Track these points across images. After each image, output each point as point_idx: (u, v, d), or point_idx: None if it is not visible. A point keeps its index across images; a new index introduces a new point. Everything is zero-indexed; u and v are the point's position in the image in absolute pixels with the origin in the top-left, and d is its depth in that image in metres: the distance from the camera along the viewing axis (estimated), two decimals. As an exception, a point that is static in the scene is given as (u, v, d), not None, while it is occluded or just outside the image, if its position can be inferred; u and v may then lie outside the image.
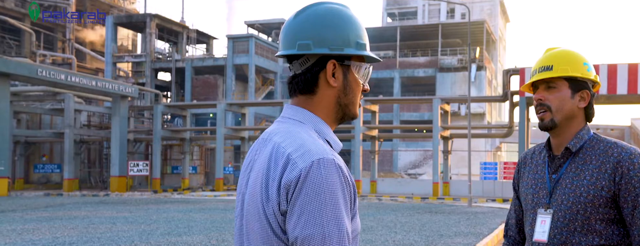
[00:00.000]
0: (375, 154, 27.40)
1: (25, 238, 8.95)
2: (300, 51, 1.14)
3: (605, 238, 1.47)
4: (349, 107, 1.19)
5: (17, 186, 30.09)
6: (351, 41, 1.16)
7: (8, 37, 40.30)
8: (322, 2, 1.19)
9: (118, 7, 46.57)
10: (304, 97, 1.17)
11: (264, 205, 1.06)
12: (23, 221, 11.80)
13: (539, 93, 1.59)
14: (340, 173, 1.04)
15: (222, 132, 28.11)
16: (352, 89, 1.18)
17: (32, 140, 32.45)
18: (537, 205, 1.58)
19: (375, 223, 12.00)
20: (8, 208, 16.10)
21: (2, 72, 23.58)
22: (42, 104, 32.68)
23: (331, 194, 1.02)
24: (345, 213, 1.03)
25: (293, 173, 1.03)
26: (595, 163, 1.51)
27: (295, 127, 1.13)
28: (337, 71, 1.16)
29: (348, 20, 1.17)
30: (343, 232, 1.01)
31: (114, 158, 27.71)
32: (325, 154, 1.05)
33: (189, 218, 12.54)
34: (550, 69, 1.57)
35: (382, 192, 26.50)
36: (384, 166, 36.92)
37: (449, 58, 38.06)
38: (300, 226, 1.01)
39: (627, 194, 1.45)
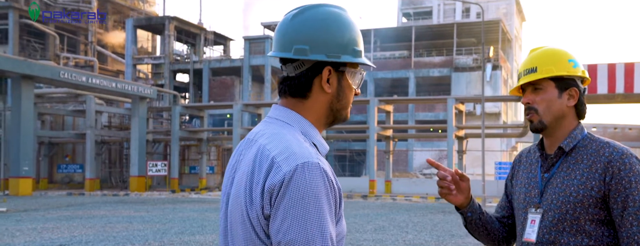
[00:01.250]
0: (389, 154, 27.32)
1: (44, 236, 9.16)
2: (296, 55, 1.12)
3: (595, 239, 1.44)
4: (340, 112, 1.18)
5: (42, 186, 30.72)
6: (348, 48, 1.14)
7: (33, 41, 41.17)
8: (320, 4, 1.17)
9: (138, 9, 47.21)
10: (294, 100, 1.15)
11: (248, 209, 1.05)
12: (44, 220, 12.07)
13: (526, 96, 1.56)
14: (324, 177, 1.03)
15: (238, 132, 28.30)
16: (345, 94, 1.17)
17: (56, 141, 33.10)
18: (529, 205, 1.55)
19: (387, 223, 11.99)
20: (31, 207, 16.48)
21: (27, 75, 24.11)
22: (65, 106, 33.30)
23: (315, 198, 1.00)
24: (330, 217, 1.02)
25: (277, 176, 1.01)
26: (586, 163, 1.47)
27: (282, 129, 1.11)
28: (332, 77, 1.14)
29: (346, 25, 1.15)
30: (326, 237, 0.99)
31: (133, 158, 28.12)
32: (310, 158, 1.03)
33: (204, 218, 12.68)
34: (535, 71, 1.54)
35: (396, 192, 26.40)
36: (399, 166, 36.76)
37: (464, 58, 37.72)
38: (283, 230, 0.99)
39: (617, 195, 1.41)
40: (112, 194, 25.02)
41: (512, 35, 43.91)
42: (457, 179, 1.57)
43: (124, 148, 32.78)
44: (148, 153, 30.14)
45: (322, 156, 1.13)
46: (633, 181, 1.41)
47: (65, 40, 42.80)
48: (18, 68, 23.67)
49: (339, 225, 1.08)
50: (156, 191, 27.98)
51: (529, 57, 1.59)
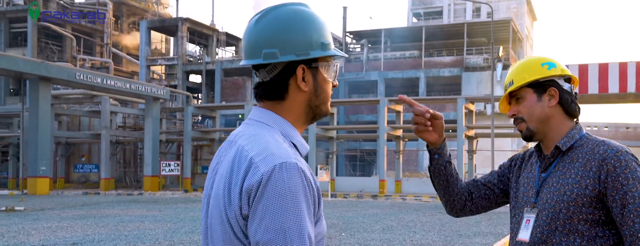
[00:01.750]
0: (399, 154, 27.25)
1: (58, 235, 9.31)
2: (267, 60, 1.11)
3: (587, 239, 1.41)
4: (320, 108, 1.17)
5: (59, 185, 31.16)
6: (316, 43, 1.13)
7: (51, 43, 41.80)
8: (281, 4, 1.16)
9: (152, 11, 47.66)
10: (272, 102, 1.14)
11: (226, 209, 1.04)
12: (59, 219, 12.27)
13: (511, 109, 1.59)
14: (302, 177, 1.02)
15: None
16: (323, 89, 1.16)
17: (72, 141, 33.53)
18: (526, 204, 1.54)
19: (395, 222, 11.98)
20: (47, 206, 16.74)
21: (44, 77, 24.47)
22: (81, 107, 33.73)
23: (293, 198, 0.99)
24: (308, 217, 1.01)
25: (255, 177, 1.01)
26: (581, 162, 1.46)
27: (261, 130, 1.11)
28: (307, 74, 1.13)
29: (310, 21, 1.14)
30: (304, 237, 0.99)
31: (147, 158, 28.39)
32: (288, 158, 1.02)
33: (214, 217, 12.76)
34: (512, 84, 1.57)
35: (406, 192, 26.34)
36: (409, 165, 36.65)
37: (475, 57, 37.47)
38: (261, 230, 0.99)
39: (615, 192, 1.39)
40: (126, 193, 25.30)
41: (523, 35, 43.52)
42: (430, 118, 1.56)
43: (138, 148, 33.11)
44: (161, 153, 30.40)
45: (302, 156, 1.13)
46: (630, 178, 1.39)
47: (82, 42, 43.36)
48: (36, 70, 24.05)
49: (318, 225, 1.07)
50: (169, 190, 28.21)
51: (510, 71, 1.62)
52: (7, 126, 36.90)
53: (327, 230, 10.33)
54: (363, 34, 43.13)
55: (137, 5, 47.34)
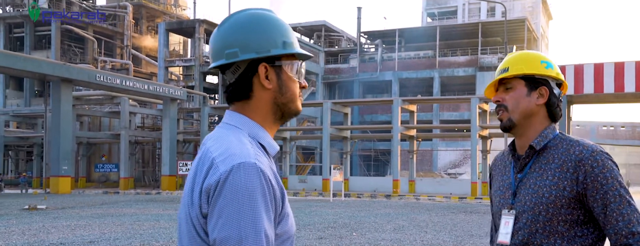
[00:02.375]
0: (413, 153, 27.12)
1: (76, 233, 9.49)
2: (229, 59, 1.14)
3: (568, 240, 1.41)
4: (288, 105, 1.18)
5: (80, 185, 31.70)
6: (277, 42, 1.15)
7: (74, 45, 42.59)
8: (244, 9, 1.19)
9: (170, 14, 48.16)
10: (240, 103, 1.17)
11: (189, 208, 1.07)
12: (78, 218, 12.49)
13: (497, 95, 1.56)
14: (261, 177, 1.03)
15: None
16: (288, 87, 1.17)
17: (93, 141, 34.08)
18: (503, 206, 1.52)
19: (407, 222, 11.94)
20: (68, 205, 17.06)
21: (66, 78, 24.91)
22: (102, 108, 34.25)
23: (249, 197, 1.01)
24: (265, 216, 1.02)
25: (214, 176, 1.03)
26: (557, 162, 1.44)
27: (229, 132, 1.12)
28: (270, 72, 1.15)
29: (270, 22, 1.16)
30: (260, 235, 1.00)
31: (164, 158, 28.70)
32: (247, 158, 1.03)
33: (228, 216, 12.86)
34: (507, 71, 1.53)
35: (420, 192, 26.21)
36: (423, 165, 36.43)
37: (490, 57, 37.10)
38: (218, 228, 1.00)
39: (595, 192, 1.38)
40: (144, 193, 25.60)
41: (538, 34, 42.94)
42: None
43: (156, 148, 33.48)
44: (178, 153, 30.70)
45: (272, 156, 1.14)
46: (608, 177, 1.38)
47: (103, 44, 44.05)
48: (58, 72, 24.50)
49: (283, 224, 1.09)
50: (186, 189, 28.47)
51: (508, 58, 1.59)
52: (32, 126, 37.69)
53: (338, 229, 10.34)
54: (377, 34, 43.00)
55: (156, 8, 47.92)
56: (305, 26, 45.28)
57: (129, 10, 44.42)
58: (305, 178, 30.22)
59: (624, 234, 1.35)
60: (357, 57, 42.06)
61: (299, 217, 12.80)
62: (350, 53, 43.52)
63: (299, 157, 37.74)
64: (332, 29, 46.31)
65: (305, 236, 9.12)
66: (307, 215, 13.69)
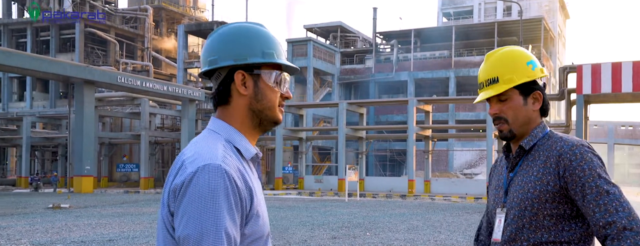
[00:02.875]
0: (429, 154, 26.95)
1: (97, 231, 9.68)
2: (209, 66, 1.19)
3: (554, 234, 1.41)
4: (265, 113, 1.21)
5: (102, 184, 32.23)
6: (256, 51, 1.19)
7: (97, 48, 43.37)
8: (234, 22, 1.24)
9: (189, 16, 48.68)
10: (221, 109, 1.21)
11: (162, 208, 1.12)
12: (99, 216, 12.72)
13: (493, 107, 1.54)
14: (225, 178, 1.06)
15: (281, 133, 28.64)
16: (265, 95, 1.20)
17: (115, 142, 34.60)
18: (497, 205, 1.55)
19: (421, 222, 11.88)
20: (90, 203, 17.38)
21: (88, 80, 25.37)
22: (123, 109, 34.76)
23: (212, 197, 1.04)
24: (228, 215, 1.05)
25: (181, 177, 1.07)
26: (542, 158, 1.46)
27: (207, 136, 1.17)
28: (248, 80, 1.19)
29: (253, 34, 1.20)
30: (220, 233, 1.03)
31: (184, 158, 28.97)
32: (213, 160, 1.07)
33: (244, 216, 12.94)
34: (496, 82, 1.50)
35: (436, 192, 26.03)
36: (439, 165, 36.18)
37: (505, 57, 36.64)
38: (182, 226, 1.04)
39: (575, 186, 1.38)
40: (164, 191, 25.88)
41: (555, 33, 42.29)
42: None
43: (175, 148, 33.82)
44: (197, 153, 30.94)
45: (248, 159, 1.18)
46: (586, 169, 1.38)
47: (124, 46, 44.75)
48: (81, 74, 24.96)
49: (253, 224, 1.11)
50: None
51: (487, 64, 1.55)
52: (56, 127, 38.46)
53: (352, 229, 10.34)
54: (393, 35, 42.83)
55: (176, 10, 48.49)
56: (321, 27, 45.33)
57: (149, 13, 45.02)
58: (321, 178, 30.25)
59: (602, 225, 1.33)
60: (372, 57, 41.96)
61: (313, 217, 12.84)
62: (366, 53, 43.43)
63: (315, 157, 37.79)
64: (348, 30, 46.27)
65: (319, 236, 9.15)
66: (321, 214, 13.71)
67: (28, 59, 23.48)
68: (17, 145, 36.44)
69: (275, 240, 8.66)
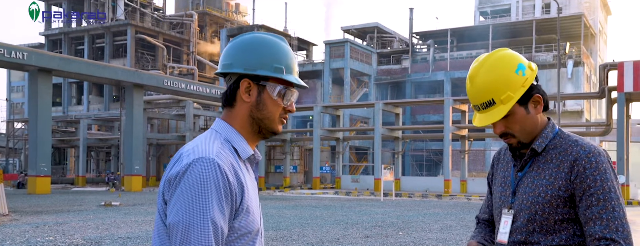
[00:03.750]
0: (465, 153, 26.46)
1: (142, 228, 10.07)
2: (222, 70, 1.24)
3: (565, 238, 1.37)
4: (263, 122, 1.23)
5: (151, 183, 33.32)
6: (267, 64, 1.21)
7: (146, 53, 44.97)
8: (254, 32, 1.29)
9: (232, 20, 49.65)
10: (226, 110, 1.26)
11: (159, 198, 1.16)
12: (146, 214, 13.21)
13: (497, 128, 1.44)
14: (218, 171, 1.09)
15: (318, 133, 28.78)
16: (265, 106, 1.23)
17: (162, 142, 35.70)
18: (503, 204, 1.48)
19: (455, 222, 11.73)
20: (139, 202, 18.05)
21: (137, 84, 26.33)
22: (170, 111, 35.81)
23: (203, 188, 1.07)
24: (216, 206, 1.07)
25: (176, 168, 1.11)
26: (555, 162, 1.39)
27: (209, 135, 1.21)
28: (253, 88, 1.22)
29: (269, 47, 1.23)
30: (207, 222, 1.05)
31: (224, 158, 29.52)
32: (207, 154, 1.11)
33: (280, 214, 13.11)
34: (493, 104, 1.39)
35: (472, 192, 25.52)
36: (476, 165, 35.42)
37: (544, 55, 35.47)
38: (172, 214, 1.08)
39: (582, 193, 1.34)
40: (208, 190, 26.44)
41: (596, 30, 40.55)
42: None
43: (218, 148, 34.49)
44: (239, 153, 31.44)
45: (243, 159, 1.21)
46: (598, 180, 1.33)
47: (171, 51, 46.15)
48: (131, 78, 25.95)
49: (243, 219, 1.14)
50: (246, 188, 29.08)
51: (475, 86, 1.41)
52: (110, 129, 40.09)
53: (385, 228, 10.33)
54: (429, 35, 42.25)
55: (219, 15, 49.57)
56: (358, 28, 45.24)
57: (194, 18, 46.21)
58: (357, 177, 30.21)
59: (597, 237, 1.31)
60: (409, 57, 41.53)
61: (348, 216, 12.89)
62: (402, 54, 43.03)
63: (352, 157, 37.76)
64: (385, 31, 45.97)
65: (352, 235, 9.18)
66: (356, 213, 13.73)
67: (84, 64, 24.63)
68: (75, 146, 38.19)
69: (308, 238, 8.74)
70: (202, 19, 48.84)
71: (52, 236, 8.72)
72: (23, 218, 11.93)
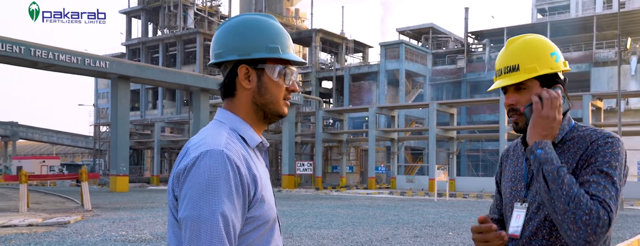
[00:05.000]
0: (522, 152, 25.35)
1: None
2: (215, 59, 1.16)
3: None
4: (268, 106, 1.17)
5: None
6: (261, 46, 1.14)
7: (213, 59, 46.81)
8: (241, 14, 1.20)
9: (291, 25, 50.51)
10: (227, 100, 1.19)
11: (169, 194, 1.11)
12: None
13: (509, 97, 1.38)
14: (226, 163, 1.03)
15: (373, 134, 28.64)
16: (268, 89, 1.16)
17: (228, 144, 36.90)
18: (515, 198, 1.39)
19: (507, 223, 11.35)
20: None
21: (204, 88, 27.47)
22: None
23: (212, 181, 1.01)
24: (226, 199, 1.02)
25: (185, 162, 1.06)
26: (572, 151, 1.31)
27: (214, 126, 1.15)
28: (252, 73, 1.15)
29: (258, 27, 1.16)
30: (216, 215, 1.00)
31: (284, 159, 30.07)
32: (216, 146, 1.05)
33: (334, 213, 13.19)
34: (517, 70, 1.34)
35: (530, 190, 24.38)
36: (535, 164, 33.75)
37: (605, 51, 33.20)
38: (182, 208, 1.03)
39: (587, 165, 1.26)
40: (268, 189, 27.05)
41: (664, 24, 37.44)
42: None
43: (278, 150, 35.16)
44: (297, 154, 31.83)
45: (252, 147, 1.15)
46: (608, 155, 1.25)
47: (236, 56, 47.66)
48: (198, 83, 27.15)
49: (258, 208, 1.09)
50: (303, 188, 29.18)
51: (508, 50, 1.38)
52: (181, 131, 42.11)
53: (436, 228, 10.16)
54: (485, 34, 40.85)
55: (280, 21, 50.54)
56: (413, 29, 44.58)
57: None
58: (412, 177, 29.77)
59: (590, 194, 1.20)
60: (464, 57, 40.38)
61: (399, 216, 12.80)
62: (457, 54, 41.91)
63: (407, 157, 37.26)
64: (440, 31, 44.98)
65: (401, 235, 9.13)
66: (408, 213, 13.60)
67: (157, 71, 26.11)
68: (150, 147, 40.42)
69: (358, 237, 8.76)
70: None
71: (125, 231, 9.32)
72: (103, 213, 12.84)
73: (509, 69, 1.35)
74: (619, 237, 9.05)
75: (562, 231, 1.21)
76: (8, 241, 8.07)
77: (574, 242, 1.19)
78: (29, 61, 20.82)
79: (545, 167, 1.24)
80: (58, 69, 22.54)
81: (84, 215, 12.40)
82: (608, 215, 1.17)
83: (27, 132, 46.80)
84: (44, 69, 22.28)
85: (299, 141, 33.06)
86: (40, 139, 48.75)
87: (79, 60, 22.10)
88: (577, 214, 1.17)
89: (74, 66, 22.01)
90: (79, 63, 22.05)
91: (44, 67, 21.99)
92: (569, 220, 1.18)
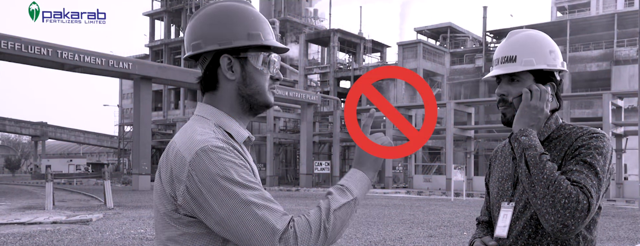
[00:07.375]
0: (541, 152, 24.90)
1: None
2: (193, 51, 1.09)
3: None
4: (254, 97, 1.10)
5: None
6: (241, 33, 1.07)
7: (231, 58, 47.18)
8: (215, 1, 1.12)
9: (310, 26, 50.62)
10: (209, 94, 1.11)
11: (160, 198, 1.04)
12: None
13: (501, 87, 1.37)
14: (224, 152, 0.98)
15: (391, 133, 28.53)
16: (253, 79, 1.09)
17: (246, 142, 37.23)
18: (502, 198, 1.38)
19: (523, 224, 11.17)
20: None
21: (223, 89, 27.69)
22: (252, 113, 37.18)
23: (221, 175, 0.96)
24: (243, 181, 0.97)
25: (183, 168, 0.98)
26: (558, 148, 1.30)
27: (196, 122, 1.08)
28: (234, 64, 1.08)
29: (236, 14, 1.08)
30: (248, 204, 0.95)
31: (302, 158, 30.13)
32: (207, 143, 0.99)
33: (349, 212, 13.23)
34: (513, 61, 1.34)
35: (549, 190, 23.93)
36: (554, 163, 33.12)
37: (627, 49, 32.35)
38: (213, 213, 0.96)
39: (572, 157, 1.24)
40: (286, 189, 27.20)
41: (690, 21, 36.24)
42: None
43: (297, 149, 35.27)
44: (315, 153, 31.86)
45: (240, 142, 1.08)
46: (592, 148, 1.24)
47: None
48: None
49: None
50: (321, 187, 29.26)
51: (508, 42, 1.39)
52: (201, 130, 42.51)
53: (450, 228, 10.06)
54: (503, 33, 40.19)
55: (299, 21, 50.71)
56: (431, 29, 44.21)
57: (276, 25, 47.70)
58: (429, 177, 29.54)
59: (572, 180, 1.19)
60: (482, 56, 39.85)
61: (415, 215, 12.72)
62: (475, 53, 41.39)
63: (424, 157, 36.98)
64: (458, 30, 44.49)
65: (415, 234, 9.08)
66: (424, 213, 13.50)
67: (178, 71, 26.47)
68: (172, 147, 40.86)
69: (371, 236, 8.75)
70: (283, 25, 50.27)
71: (144, 229, 9.49)
72: (124, 211, 13.08)
73: (506, 59, 1.35)
74: (636, 238, 8.83)
75: (541, 217, 1.18)
76: (32, 237, 8.30)
77: (552, 226, 1.16)
78: (56, 62, 21.34)
79: (528, 152, 1.24)
80: (83, 70, 23.06)
81: (106, 212, 12.66)
82: (588, 200, 1.15)
83: (55, 132, 48.02)
84: (70, 70, 22.81)
85: (317, 141, 33.11)
86: (68, 139, 49.97)
87: (103, 61, 22.57)
88: (555, 197, 1.15)
89: (98, 67, 22.49)
90: (103, 64, 22.52)
91: (70, 69, 22.52)
92: (547, 203, 1.16)
